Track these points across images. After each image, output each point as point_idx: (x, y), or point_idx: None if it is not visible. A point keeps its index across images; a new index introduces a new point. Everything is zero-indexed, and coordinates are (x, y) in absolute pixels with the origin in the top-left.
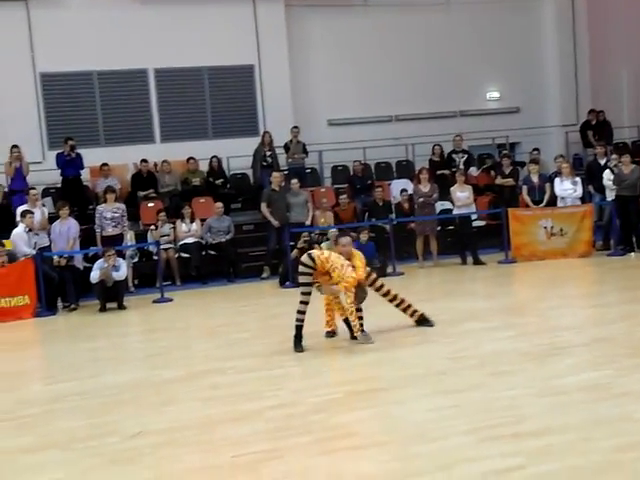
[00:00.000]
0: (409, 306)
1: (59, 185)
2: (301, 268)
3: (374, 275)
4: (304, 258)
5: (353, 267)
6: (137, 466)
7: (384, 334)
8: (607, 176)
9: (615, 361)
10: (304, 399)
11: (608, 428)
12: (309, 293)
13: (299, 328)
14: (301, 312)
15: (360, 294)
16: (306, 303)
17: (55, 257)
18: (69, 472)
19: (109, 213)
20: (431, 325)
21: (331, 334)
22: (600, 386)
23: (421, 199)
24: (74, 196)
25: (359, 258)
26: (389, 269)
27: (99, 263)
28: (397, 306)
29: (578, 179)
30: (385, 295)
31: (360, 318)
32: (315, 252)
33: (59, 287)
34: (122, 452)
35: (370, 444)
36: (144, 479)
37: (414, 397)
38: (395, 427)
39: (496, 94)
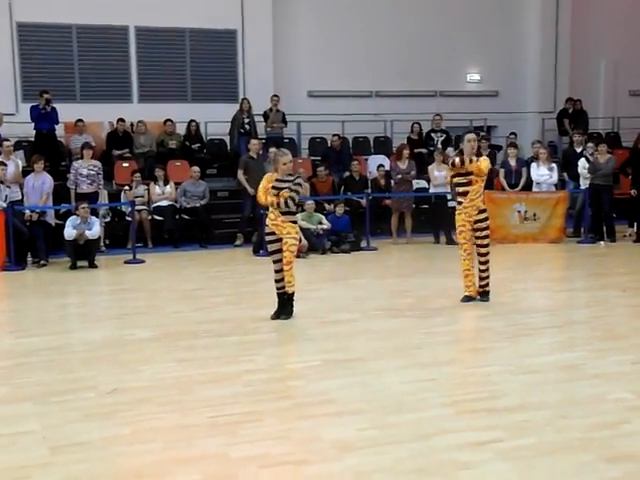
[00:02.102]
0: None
1: (32, 139)
2: (267, 237)
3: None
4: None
5: None
6: (113, 421)
7: (359, 305)
8: (582, 164)
9: (588, 343)
10: (281, 365)
11: (583, 407)
12: (279, 260)
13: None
14: (277, 280)
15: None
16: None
17: (27, 211)
18: (45, 424)
19: (85, 170)
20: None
21: (469, 299)
22: (574, 367)
23: (399, 176)
24: (47, 151)
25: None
26: (363, 243)
27: (72, 220)
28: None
29: (554, 165)
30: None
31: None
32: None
33: (29, 242)
34: (98, 407)
35: (348, 411)
36: (120, 434)
37: (391, 369)
38: (373, 396)
39: (476, 76)
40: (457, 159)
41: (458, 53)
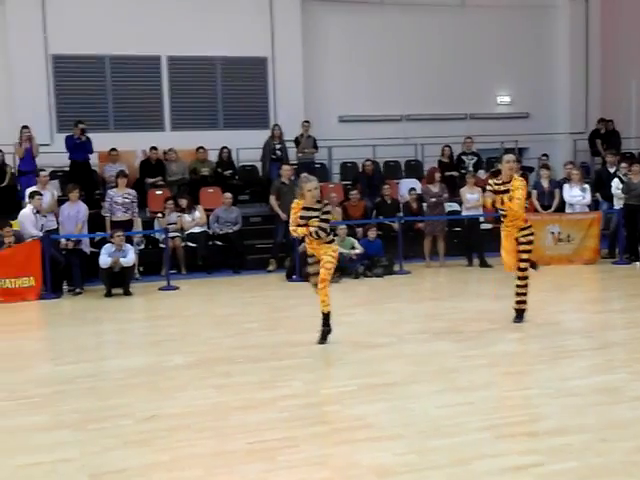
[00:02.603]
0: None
1: (67, 168)
2: (308, 260)
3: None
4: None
5: None
6: (152, 448)
7: (393, 329)
8: (616, 185)
9: (628, 365)
10: (317, 390)
11: (625, 430)
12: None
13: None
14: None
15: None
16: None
17: (62, 240)
18: (83, 452)
19: (120, 198)
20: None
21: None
22: (614, 389)
23: (433, 199)
24: (82, 180)
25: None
26: (396, 267)
27: (107, 247)
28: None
29: (587, 186)
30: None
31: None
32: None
33: (65, 270)
34: (136, 434)
35: (386, 436)
36: (159, 461)
37: (428, 393)
38: (410, 421)
39: (507, 98)
40: (489, 200)
41: (488, 75)
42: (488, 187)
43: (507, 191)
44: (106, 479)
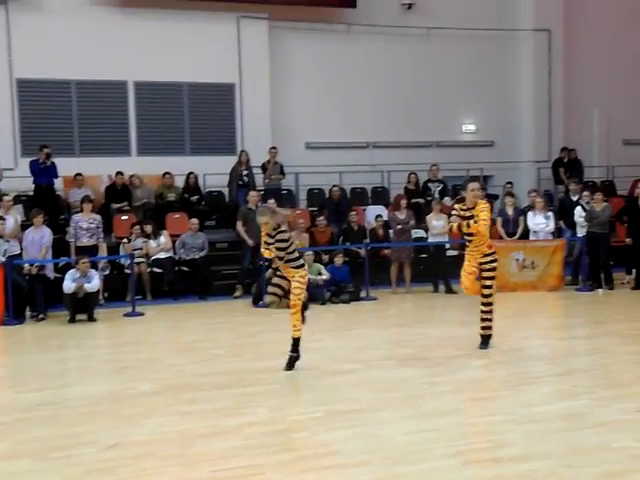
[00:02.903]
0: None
1: (31, 193)
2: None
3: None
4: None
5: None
6: (116, 477)
7: (360, 355)
8: (579, 213)
9: (591, 392)
10: (283, 417)
11: (588, 456)
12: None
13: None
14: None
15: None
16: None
17: (26, 265)
18: None
19: (85, 223)
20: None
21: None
22: (578, 415)
23: (399, 226)
24: (46, 205)
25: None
26: (362, 294)
27: (71, 273)
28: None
29: (551, 214)
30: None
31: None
32: None
33: (28, 296)
34: (100, 463)
35: (353, 464)
36: None
37: (394, 419)
38: (377, 447)
39: (472, 127)
40: (455, 225)
41: (453, 104)
42: (454, 212)
43: (472, 217)
44: None
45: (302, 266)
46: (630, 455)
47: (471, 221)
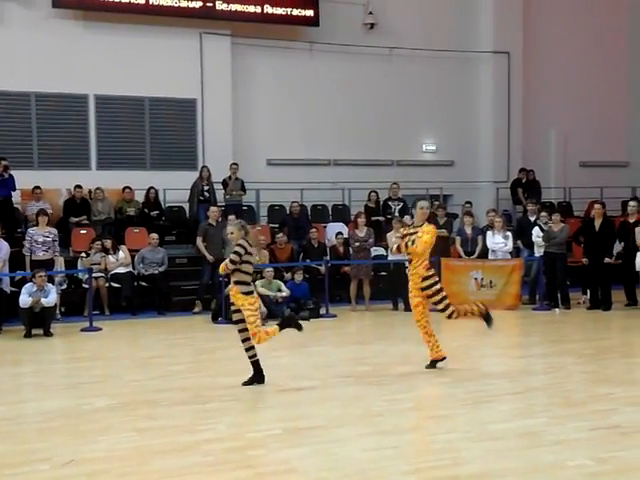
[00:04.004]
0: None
1: None
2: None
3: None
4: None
5: None
6: None
7: (319, 373)
8: (536, 233)
9: (548, 410)
10: (242, 434)
11: (544, 474)
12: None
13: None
14: (247, 349)
15: None
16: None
17: None
18: None
19: (40, 237)
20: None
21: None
22: (535, 433)
23: (357, 243)
24: (3, 217)
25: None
26: (322, 310)
27: (27, 287)
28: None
29: (509, 233)
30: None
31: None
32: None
33: None
34: None
35: None
36: None
37: (353, 436)
38: (335, 465)
39: (432, 147)
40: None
41: (414, 124)
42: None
43: (416, 233)
44: None
45: (251, 293)
46: (584, 473)
47: (409, 241)
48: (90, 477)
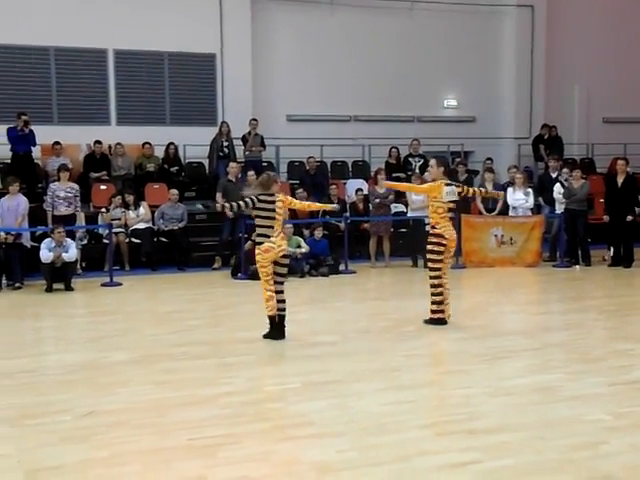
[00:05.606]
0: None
1: (8, 160)
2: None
3: None
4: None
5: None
6: (90, 444)
7: (338, 328)
8: (557, 189)
9: (566, 366)
10: (260, 387)
11: (561, 428)
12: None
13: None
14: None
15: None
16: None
17: (2, 234)
18: (19, 448)
19: (62, 192)
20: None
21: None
22: (551, 389)
23: (377, 200)
24: (24, 173)
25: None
26: (341, 267)
27: (47, 242)
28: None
29: (530, 190)
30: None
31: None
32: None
33: (4, 265)
34: (74, 430)
35: (328, 433)
36: (97, 457)
37: (370, 391)
38: (352, 418)
39: (454, 102)
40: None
41: (435, 79)
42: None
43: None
44: (42, 475)
45: (260, 243)
46: (601, 427)
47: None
48: (110, 428)
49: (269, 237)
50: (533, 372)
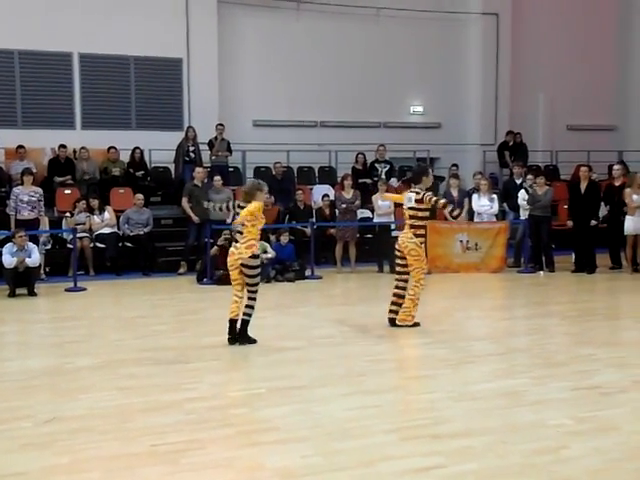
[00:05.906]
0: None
1: None
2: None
3: None
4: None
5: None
6: (51, 451)
7: (303, 333)
8: (522, 196)
9: (529, 371)
10: (224, 393)
11: (524, 433)
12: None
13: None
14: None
15: None
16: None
17: None
18: None
19: (26, 196)
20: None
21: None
22: (515, 393)
23: (344, 205)
24: None
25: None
26: (307, 272)
27: (8, 247)
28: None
29: (495, 196)
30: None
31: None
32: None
33: None
34: (36, 437)
35: (292, 439)
36: (58, 464)
37: (335, 396)
38: (317, 424)
39: (420, 108)
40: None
41: (402, 85)
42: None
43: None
44: None
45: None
46: (563, 432)
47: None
48: (72, 434)
49: (237, 242)
50: (498, 377)
